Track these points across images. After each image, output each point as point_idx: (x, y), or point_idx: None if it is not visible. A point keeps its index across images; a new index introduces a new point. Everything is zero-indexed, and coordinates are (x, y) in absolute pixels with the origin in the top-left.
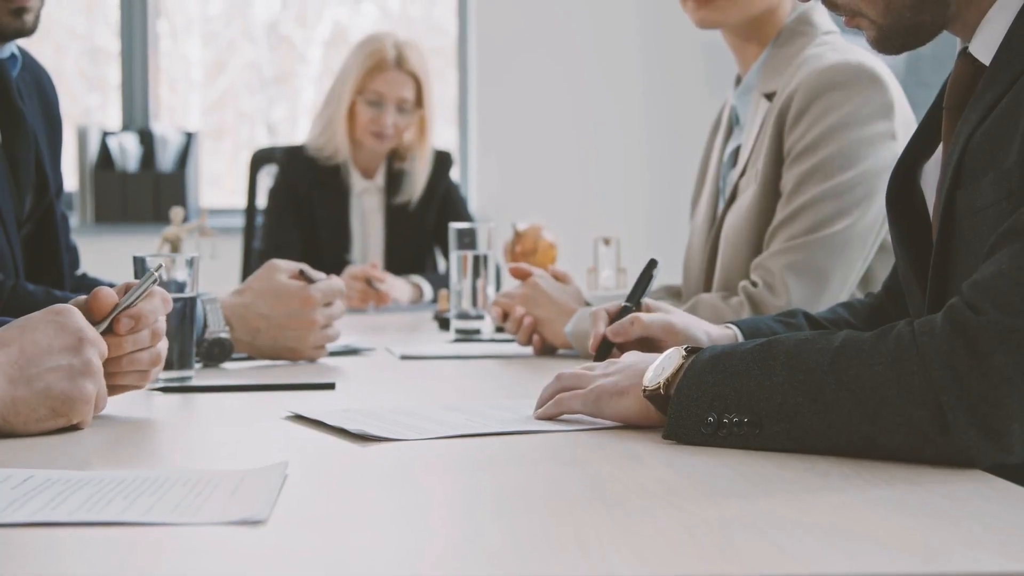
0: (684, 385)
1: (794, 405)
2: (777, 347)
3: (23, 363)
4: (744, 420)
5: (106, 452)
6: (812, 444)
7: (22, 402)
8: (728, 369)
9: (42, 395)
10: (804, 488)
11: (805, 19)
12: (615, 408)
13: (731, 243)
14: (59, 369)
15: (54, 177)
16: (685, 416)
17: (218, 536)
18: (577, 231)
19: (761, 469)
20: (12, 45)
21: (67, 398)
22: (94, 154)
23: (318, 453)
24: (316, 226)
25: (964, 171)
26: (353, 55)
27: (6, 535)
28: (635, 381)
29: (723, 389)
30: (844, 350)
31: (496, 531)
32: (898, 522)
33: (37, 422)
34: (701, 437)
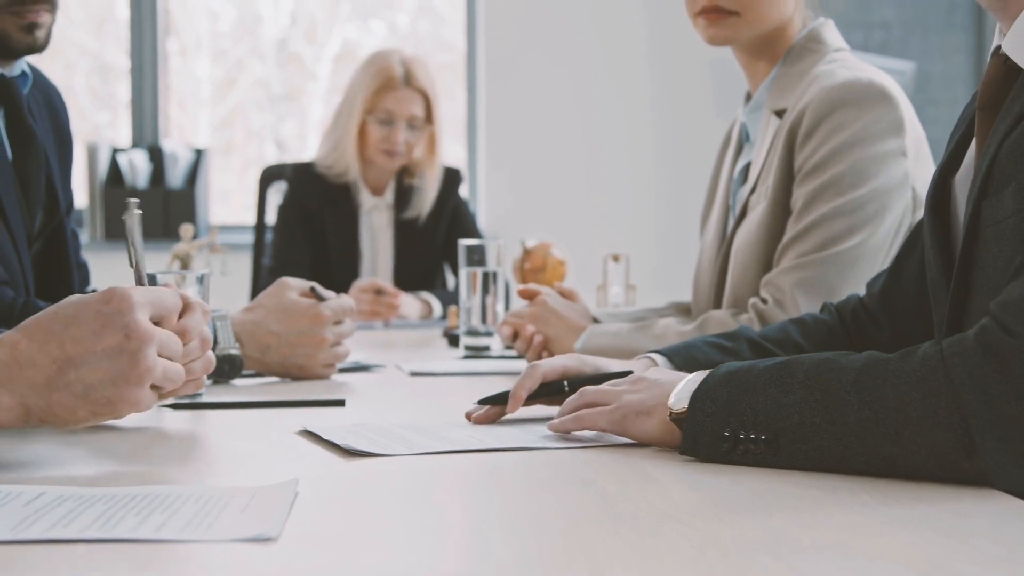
0: (698, 399)
1: (812, 425)
2: (795, 365)
3: (63, 363)
4: (760, 438)
5: (118, 469)
6: (830, 464)
7: (59, 405)
8: (743, 385)
9: (81, 399)
10: (814, 506)
11: (815, 36)
12: (640, 428)
13: (741, 260)
14: (102, 371)
15: (64, 194)
16: (701, 431)
17: (230, 553)
18: (586, 248)
19: (770, 487)
20: (23, 63)
21: (108, 402)
22: (104, 171)
23: (329, 470)
24: (326, 243)
25: (992, 181)
26: (361, 73)
27: (19, 552)
28: (661, 401)
29: (738, 406)
30: (867, 370)
31: (506, 550)
32: (906, 539)
33: (77, 422)
34: (718, 454)
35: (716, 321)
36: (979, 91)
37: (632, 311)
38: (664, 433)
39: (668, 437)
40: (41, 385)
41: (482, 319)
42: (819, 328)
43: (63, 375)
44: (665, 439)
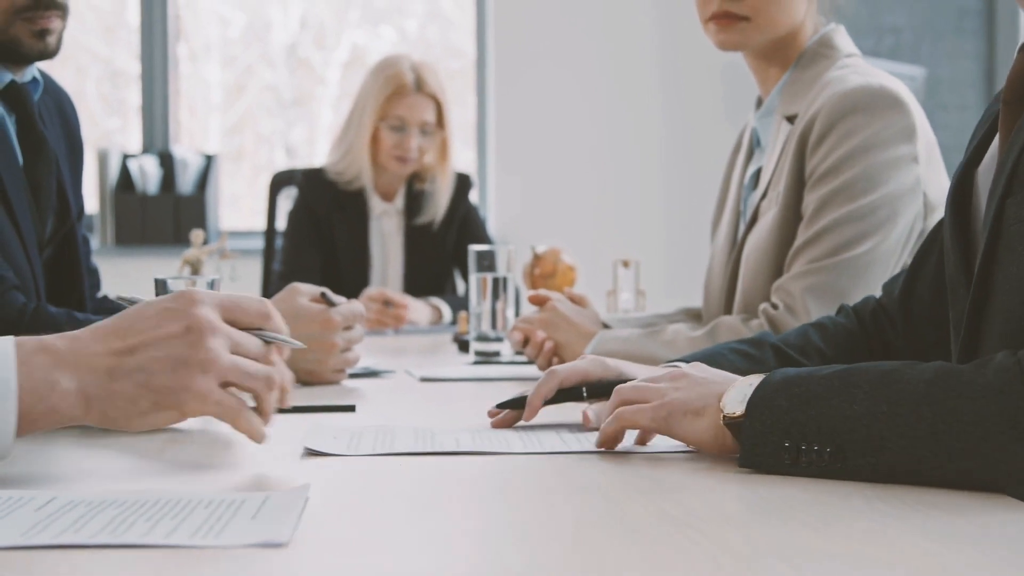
0: (756, 408)
1: (881, 439)
2: (858, 376)
3: (123, 351)
4: (825, 450)
5: (127, 474)
6: (900, 477)
7: (120, 395)
8: (804, 395)
9: (143, 387)
10: (828, 514)
11: (827, 42)
12: (688, 429)
13: (752, 265)
14: (162, 358)
15: (75, 200)
16: (761, 442)
17: (240, 559)
18: (595, 253)
19: (784, 494)
20: (34, 68)
21: (170, 392)
22: (114, 177)
23: (340, 476)
24: (336, 248)
25: (1016, 178)
26: (371, 80)
27: (29, 557)
28: (711, 402)
29: (799, 416)
30: (939, 382)
31: (517, 556)
32: (924, 548)
33: (141, 415)
34: (780, 465)
35: (727, 327)
36: (1005, 85)
37: (642, 317)
38: (714, 436)
39: (718, 440)
40: (102, 373)
41: (492, 324)
42: (838, 331)
43: (123, 363)
44: (715, 442)
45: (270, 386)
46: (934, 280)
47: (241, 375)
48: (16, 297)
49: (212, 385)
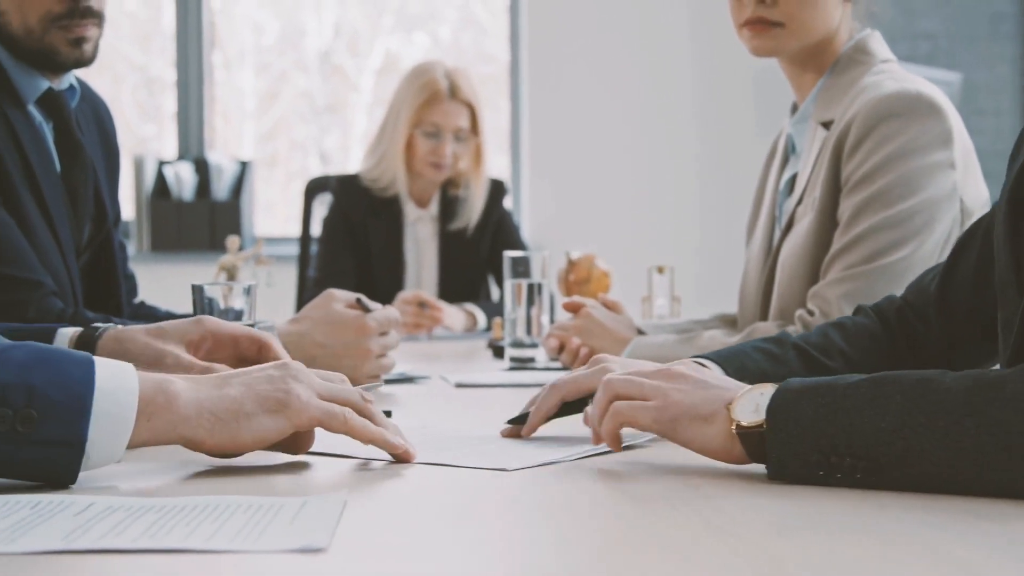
0: (778, 418)
1: (920, 451)
2: (889, 385)
3: (227, 376)
4: (859, 463)
5: (165, 479)
6: (941, 487)
7: (226, 397)
8: (831, 405)
9: (247, 391)
10: (870, 523)
11: (862, 47)
12: (694, 435)
13: (788, 271)
14: (262, 377)
15: (112, 206)
16: (787, 454)
17: (279, 564)
18: (629, 259)
19: (818, 502)
20: (71, 76)
21: (271, 395)
22: (150, 183)
23: (377, 481)
24: (370, 254)
25: None
26: (405, 87)
27: (70, 561)
28: (720, 409)
29: (827, 427)
30: (979, 392)
31: (555, 566)
32: (962, 556)
33: (248, 417)
34: (812, 477)
35: (762, 333)
36: None
37: (677, 323)
38: (722, 445)
39: (726, 448)
40: (210, 384)
41: (527, 330)
42: (859, 331)
43: (229, 380)
44: (722, 450)
45: (368, 399)
46: (974, 275)
47: (335, 390)
48: (54, 303)
49: (311, 393)
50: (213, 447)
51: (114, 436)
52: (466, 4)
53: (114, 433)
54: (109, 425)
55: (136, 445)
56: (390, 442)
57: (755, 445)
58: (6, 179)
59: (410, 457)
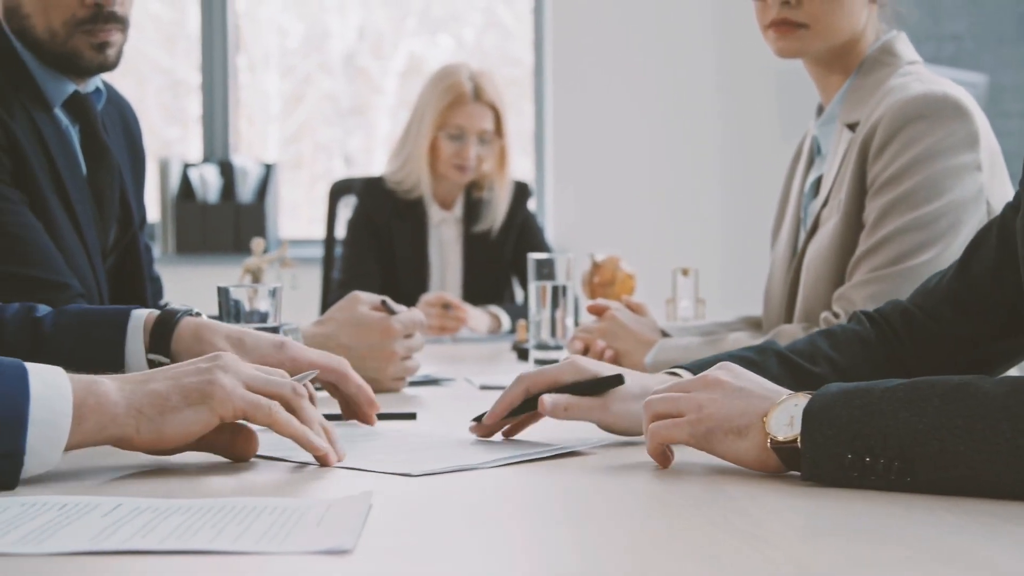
0: (813, 420)
1: (955, 453)
2: (926, 389)
3: (155, 371)
4: (893, 464)
5: (192, 481)
6: (977, 490)
7: (152, 392)
8: (866, 407)
9: (172, 386)
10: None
11: (888, 49)
12: (730, 448)
13: (813, 274)
14: (189, 370)
15: (138, 209)
16: (822, 455)
17: (305, 565)
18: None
19: (849, 505)
20: (97, 79)
21: (195, 387)
22: (175, 186)
23: (402, 483)
24: (395, 257)
25: None
26: (430, 89)
27: (97, 563)
28: (755, 422)
29: (862, 428)
30: (1017, 395)
31: (579, 569)
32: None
33: (173, 411)
34: (846, 479)
35: (787, 335)
36: None
37: (702, 325)
38: (757, 457)
39: (762, 460)
40: (138, 380)
41: (551, 333)
42: (849, 338)
43: (155, 375)
44: (758, 462)
45: (299, 394)
46: (992, 272)
47: (264, 382)
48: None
49: (237, 383)
50: (141, 444)
51: (50, 443)
52: (490, 6)
53: (51, 440)
54: (46, 432)
55: (69, 448)
56: (311, 442)
57: (791, 457)
58: (33, 182)
59: (329, 461)
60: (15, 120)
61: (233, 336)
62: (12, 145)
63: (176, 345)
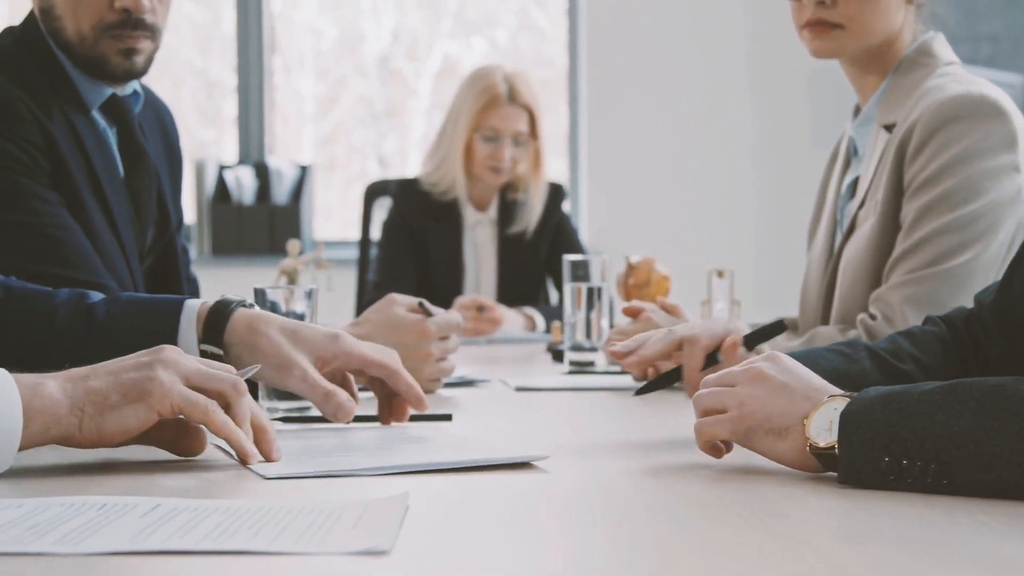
0: (851, 423)
1: (992, 455)
2: (963, 391)
3: (96, 367)
4: (930, 466)
5: (229, 481)
6: (1010, 493)
7: (93, 391)
8: (904, 410)
9: (112, 384)
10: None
11: (926, 50)
12: (770, 448)
13: (849, 275)
14: (130, 364)
15: (175, 211)
16: (859, 458)
17: (343, 566)
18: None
19: (884, 508)
20: (135, 82)
21: (134, 384)
22: (211, 187)
23: (439, 483)
24: (430, 258)
25: None
26: (465, 91)
27: (136, 563)
28: (795, 424)
29: (899, 431)
30: None
31: (615, 568)
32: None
33: (112, 409)
34: (882, 482)
35: (824, 337)
36: None
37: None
38: (798, 458)
39: (802, 461)
40: (79, 378)
41: (587, 335)
42: (929, 339)
43: (97, 370)
44: (798, 462)
45: (239, 390)
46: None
47: (205, 376)
48: None
49: (175, 379)
50: (83, 441)
51: (2, 449)
52: (524, 8)
53: (2, 446)
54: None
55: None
56: (240, 445)
57: (830, 461)
58: (71, 184)
59: (248, 461)
60: (53, 122)
61: (287, 328)
62: (50, 147)
63: (229, 336)
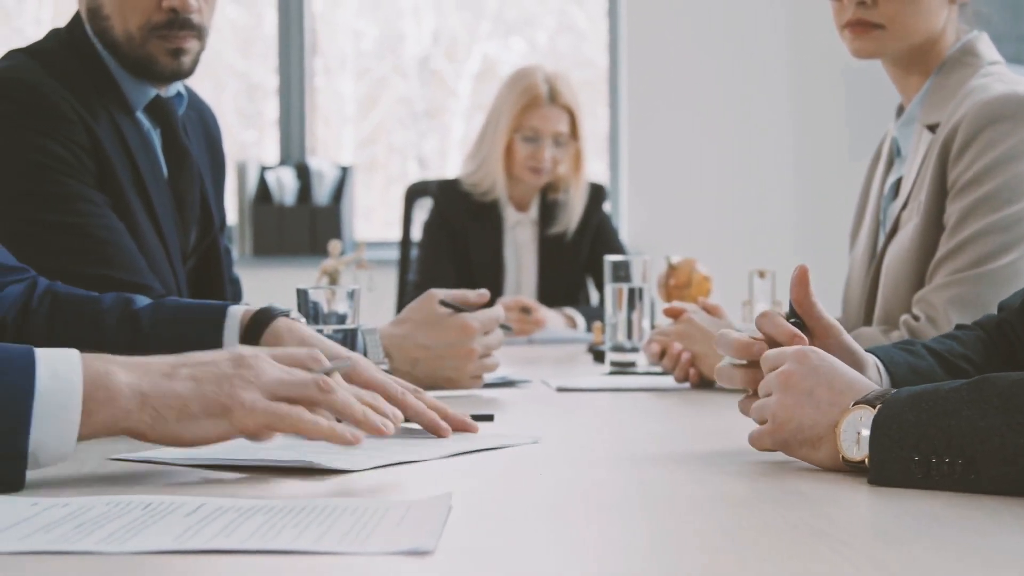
0: (882, 425)
1: (1016, 447)
2: (988, 387)
3: (177, 363)
4: (957, 462)
5: (272, 481)
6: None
7: (172, 394)
8: (932, 408)
9: (193, 392)
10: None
11: (969, 49)
12: (806, 457)
13: (892, 276)
14: (211, 373)
15: (218, 212)
16: (888, 458)
17: (387, 566)
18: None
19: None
20: (178, 84)
21: (216, 399)
22: (253, 188)
23: (481, 483)
24: (470, 259)
25: None
26: (505, 91)
27: (180, 562)
28: (827, 434)
29: (927, 429)
30: None
31: (659, 569)
32: None
33: (191, 419)
34: (913, 480)
35: (867, 338)
36: None
37: None
38: (833, 464)
39: (837, 467)
40: (157, 374)
41: (628, 335)
42: (973, 340)
43: (177, 371)
44: (834, 467)
45: (325, 389)
46: None
47: (288, 386)
48: None
49: (258, 396)
50: (156, 440)
51: (59, 438)
52: (564, 9)
53: (59, 435)
54: (53, 427)
55: (80, 440)
56: (341, 437)
57: (866, 470)
58: (116, 185)
59: (383, 431)
60: (99, 123)
61: (311, 341)
62: (96, 148)
63: (264, 343)
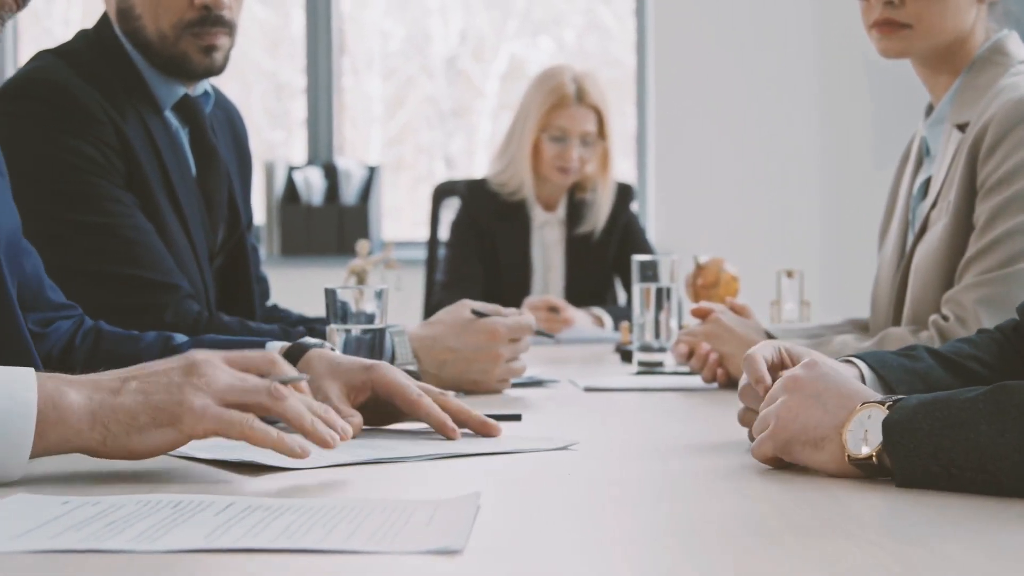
0: (895, 434)
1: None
2: (1005, 399)
3: (127, 377)
4: (979, 477)
5: (301, 481)
6: None
7: (121, 409)
8: (947, 419)
9: (142, 404)
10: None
11: (999, 48)
12: (808, 459)
13: (921, 276)
14: (161, 383)
15: (245, 210)
16: (910, 467)
17: (415, 565)
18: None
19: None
20: (206, 83)
21: (165, 408)
22: (280, 188)
23: (509, 483)
24: (498, 258)
25: None
26: (533, 91)
27: (210, 561)
28: (831, 435)
29: (944, 441)
30: None
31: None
32: None
33: (139, 431)
34: (936, 484)
35: (895, 338)
36: None
37: (807, 327)
38: (838, 467)
39: (842, 470)
40: (107, 391)
41: (655, 335)
42: (987, 341)
43: (126, 385)
44: (839, 471)
45: (276, 396)
46: None
47: (240, 392)
48: (191, 306)
49: (208, 402)
50: (107, 455)
51: (13, 458)
52: (592, 8)
53: (12, 455)
54: (6, 448)
55: (32, 458)
56: (287, 449)
57: (870, 468)
58: (144, 184)
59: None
60: (127, 123)
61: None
62: (125, 148)
63: None
